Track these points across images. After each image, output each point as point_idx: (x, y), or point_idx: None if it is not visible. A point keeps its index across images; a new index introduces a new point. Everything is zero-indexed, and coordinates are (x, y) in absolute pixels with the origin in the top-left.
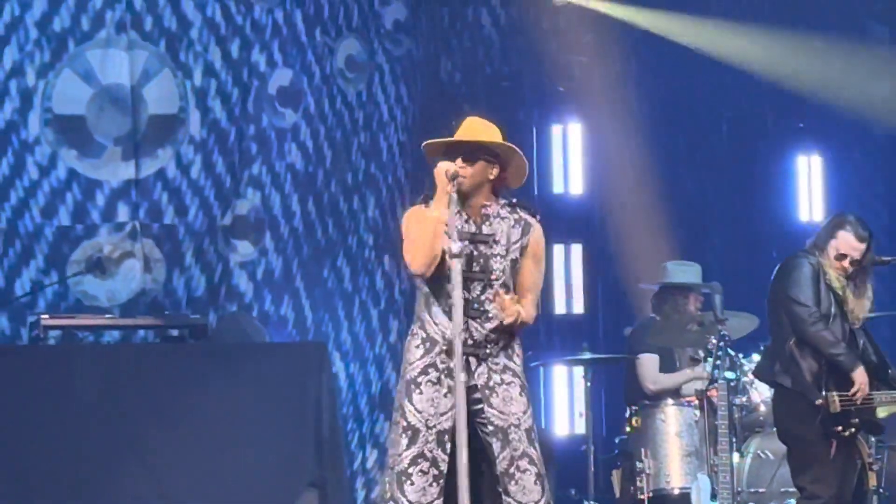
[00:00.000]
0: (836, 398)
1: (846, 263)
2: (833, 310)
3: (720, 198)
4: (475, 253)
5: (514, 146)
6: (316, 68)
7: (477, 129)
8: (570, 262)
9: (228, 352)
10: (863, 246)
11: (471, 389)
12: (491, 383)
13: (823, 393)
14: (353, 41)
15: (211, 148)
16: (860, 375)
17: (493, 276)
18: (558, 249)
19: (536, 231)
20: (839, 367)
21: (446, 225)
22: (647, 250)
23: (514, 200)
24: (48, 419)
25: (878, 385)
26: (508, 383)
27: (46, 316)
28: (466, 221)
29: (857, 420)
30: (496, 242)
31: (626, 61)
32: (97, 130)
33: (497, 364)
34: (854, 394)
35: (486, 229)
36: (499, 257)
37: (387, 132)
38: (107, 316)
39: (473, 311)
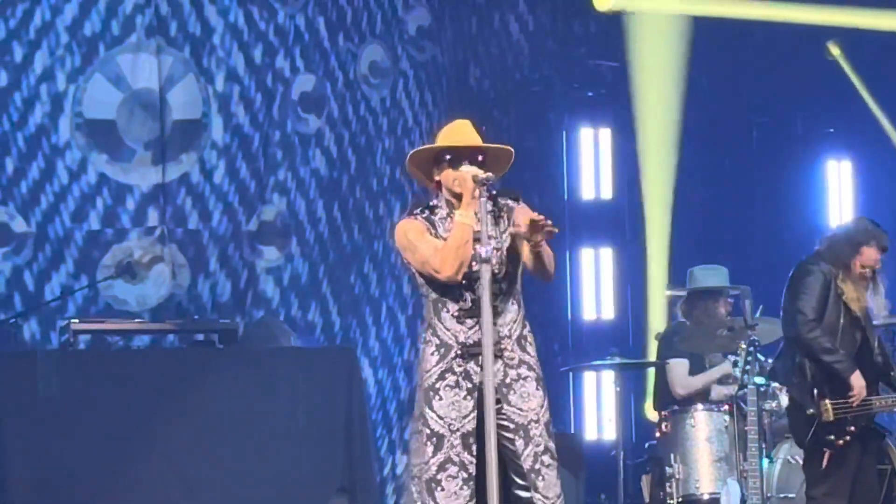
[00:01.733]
0: (830, 406)
1: (868, 272)
2: (842, 320)
3: (750, 203)
4: (473, 253)
5: (509, 147)
6: (339, 74)
7: (470, 130)
8: (599, 267)
9: (258, 357)
10: (884, 254)
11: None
12: (508, 380)
13: (817, 401)
14: (377, 47)
15: (234, 153)
16: (856, 380)
17: (494, 272)
18: (588, 254)
19: (518, 209)
20: (837, 375)
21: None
22: (677, 255)
23: (494, 192)
24: (77, 423)
25: (880, 389)
26: (525, 378)
27: (76, 320)
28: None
29: (852, 428)
30: (490, 238)
31: (658, 67)
32: (127, 135)
33: (512, 359)
34: (850, 399)
35: (477, 227)
36: (495, 252)
37: (412, 138)
38: (136, 320)
39: (480, 310)
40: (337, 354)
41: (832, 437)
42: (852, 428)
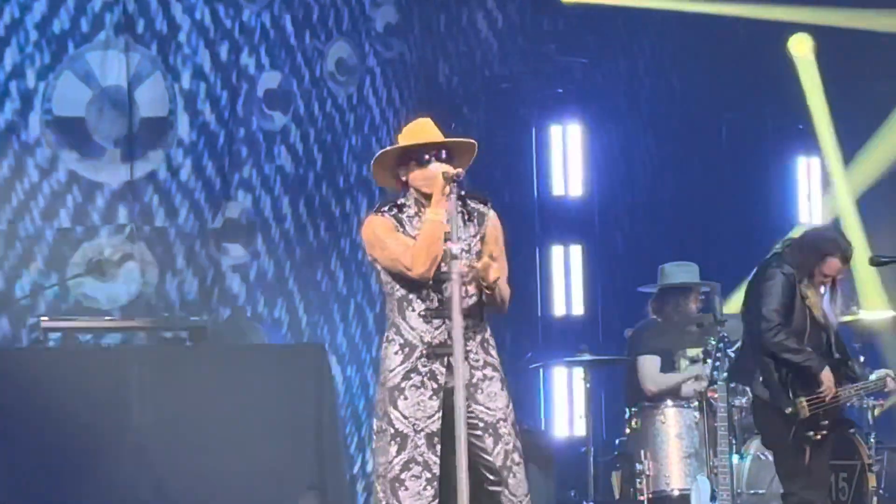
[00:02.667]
0: (805, 403)
1: (828, 281)
2: (808, 321)
3: (720, 199)
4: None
5: (473, 140)
6: (305, 71)
7: (432, 127)
8: (569, 264)
9: (228, 354)
10: (847, 265)
11: (452, 390)
12: (474, 380)
13: (793, 400)
14: (344, 44)
15: (201, 151)
16: (826, 376)
17: (462, 274)
18: (557, 251)
19: (491, 218)
20: (805, 372)
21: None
22: (647, 252)
23: (464, 192)
24: (47, 421)
25: (842, 381)
26: (490, 378)
27: (46, 318)
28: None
29: (826, 422)
30: (459, 239)
31: (626, 63)
32: (97, 132)
33: (477, 361)
34: (822, 394)
35: (447, 225)
36: (463, 253)
37: (379, 135)
38: (106, 318)
39: (448, 311)
40: (307, 351)
41: (810, 432)
42: (826, 422)
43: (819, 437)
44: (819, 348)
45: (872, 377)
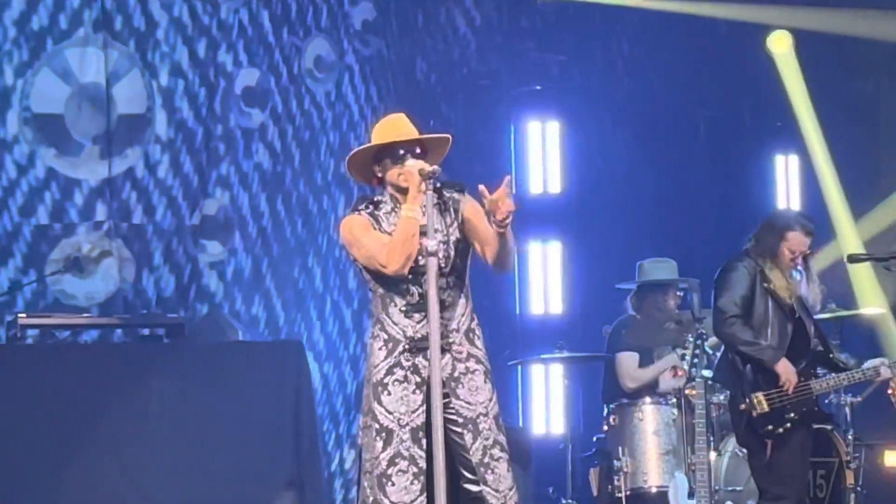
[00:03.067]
0: (763, 398)
1: (798, 259)
2: (771, 312)
3: (698, 197)
4: (419, 247)
5: (448, 135)
6: (283, 68)
7: (407, 123)
8: (547, 261)
9: (205, 351)
10: (811, 238)
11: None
12: (456, 374)
13: (748, 395)
14: (322, 41)
15: (178, 148)
16: (783, 368)
17: (441, 265)
18: (536, 248)
19: (466, 200)
20: (762, 364)
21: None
22: (626, 249)
23: (438, 184)
24: (25, 418)
25: (819, 372)
26: (473, 371)
27: (24, 315)
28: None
29: (793, 415)
30: (436, 231)
31: (604, 60)
32: (75, 129)
33: (461, 353)
34: (783, 388)
35: (423, 221)
36: (441, 245)
37: (357, 132)
38: (84, 315)
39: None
40: (284, 348)
41: (770, 427)
42: (792, 415)
43: (781, 430)
44: (784, 337)
45: (866, 365)
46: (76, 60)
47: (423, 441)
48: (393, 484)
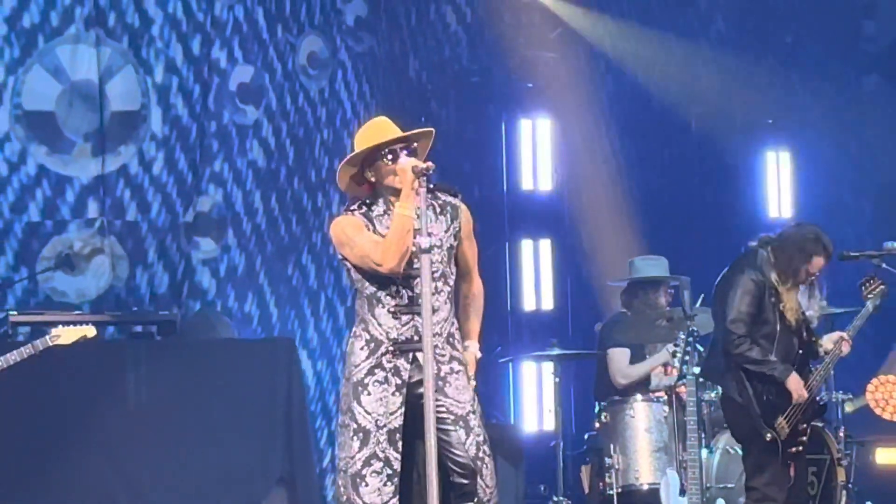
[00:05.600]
0: (784, 423)
1: (813, 277)
2: (779, 326)
3: (689, 194)
4: (412, 249)
5: (431, 128)
6: (278, 65)
7: (391, 125)
8: (539, 259)
9: (197, 348)
10: (830, 260)
11: (419, 384)
12: (442, 374)
13: (771, 424)
14: (316, 38)
15: (173, 145)
16: (793, 383)
17: (433, 269)
18: (527, 245)
19: (464, 211)
20: (772, 381)
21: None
22: (617, 246)
23: (432, 185)
24: (16, 416)
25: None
26: (457, 372)
27: (15, 312)
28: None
29: (804, 426)
30: (430, 234)
31: (595, 57)
32: (67, 126)
33: (444, 356)
34: (796, 402)
35: (416, 223)
36: (435, 248)
37: (350, 129)
38: (76, 312)
39: (418, 306)
40: (276, 345)
41: (793, 449)
42: (804, 426)
43: (801, 448)
44: (791, 351)
45: (826, 344)
46: (67, 58)
47: (399, 444)
48: (367, 484)
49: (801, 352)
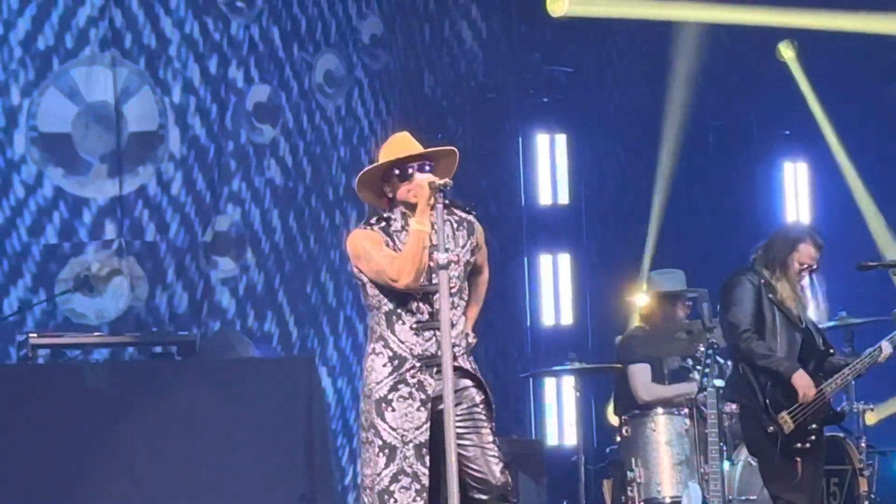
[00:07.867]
0: (788, 417)
1: (806, 271)
2: (778, 323)
3: (707, 206)
4: (430, 265)
5: (454, 148)
6: (294, 83)
7: (413, 141)
8: (557, 273)
9: (217, 368)
10: (820, 253)
11: (439, 399)
12: (459, 386)
13: (774, 417)
14: (332, 56)
15: (191, 164)
16: (800, 380)
17: (451, 285)
18: (546, 260)
19: (479, 227)
20: (779, 377)
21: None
22: (635, 260)
23: (447, 201)
24: (38, 438)
25: (826, 376)
26: (475, 385)
27: (35, 335)
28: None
29: (814, 426)
30: (447, 249)
31: (612, 71)
32: (83, 148)
33: (462, 369)
34: (802, 401)
35: (433, 238)
36: (451, 264)
37: (367, 146)
38: (95, 334)
39: (438, 321)
40: (296, 364)
41: (798, 444)
42: (814, 426)
43: (808, 445)
44: (794, 348)
45: (868, 350)
46: (82, 79)
47: (427, 458)
48: (395, 500)
49: (804, 346)
